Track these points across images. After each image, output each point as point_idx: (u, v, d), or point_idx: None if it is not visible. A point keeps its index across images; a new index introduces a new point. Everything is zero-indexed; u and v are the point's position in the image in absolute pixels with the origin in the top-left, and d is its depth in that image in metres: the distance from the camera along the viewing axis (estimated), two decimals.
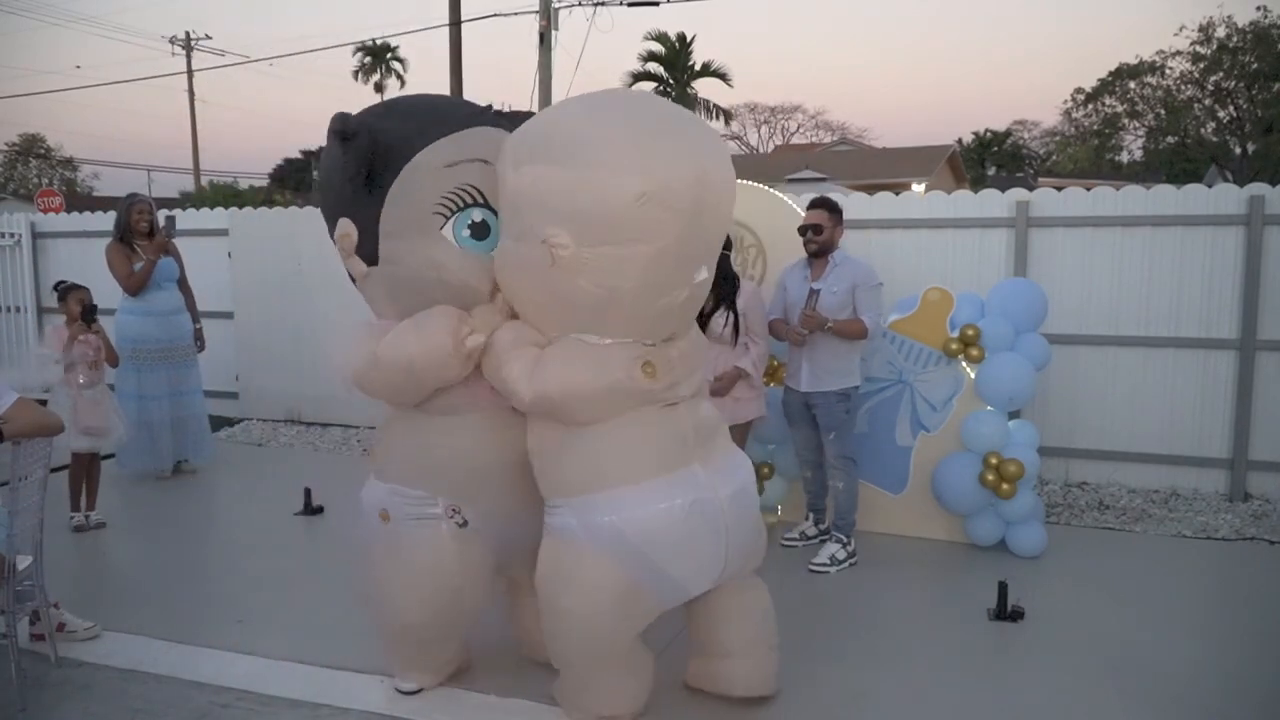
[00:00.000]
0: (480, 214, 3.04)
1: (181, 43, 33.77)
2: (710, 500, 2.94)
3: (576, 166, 2.67)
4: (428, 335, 2.96)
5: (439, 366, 2.96)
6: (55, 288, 5.45)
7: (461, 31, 18.09)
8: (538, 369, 2.89)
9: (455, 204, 3.02)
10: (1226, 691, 3.44)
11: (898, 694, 3.40)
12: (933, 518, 5.04)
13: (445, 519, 3.17)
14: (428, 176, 3.01)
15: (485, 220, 3.05)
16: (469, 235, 3.04)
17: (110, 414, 5.31)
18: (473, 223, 3.03)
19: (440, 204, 3.01)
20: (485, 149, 3.06)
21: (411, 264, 3.05)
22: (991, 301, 5.07)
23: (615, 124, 2.72)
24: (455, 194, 3.01)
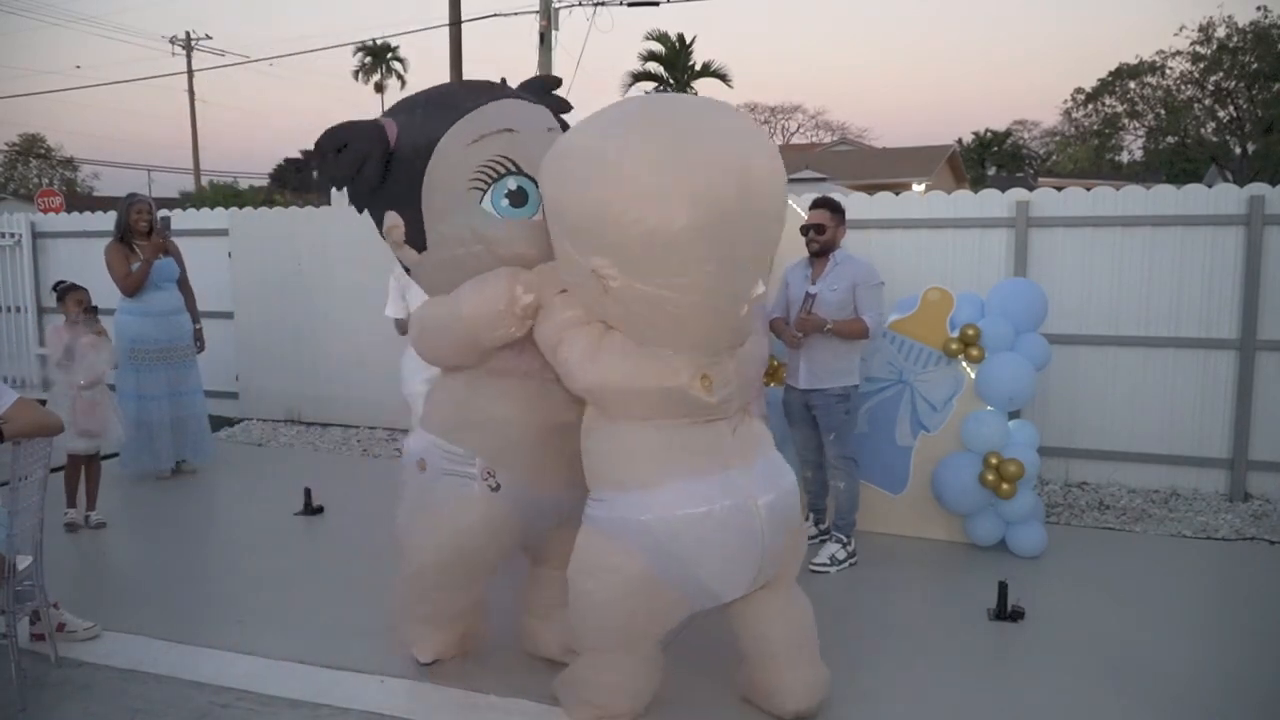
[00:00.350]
0: (515, 181, 3.09)
1: (181, 43, 33.81)
2: (745, 507, 2.91)
3: (614, 197, 2.61)
4: (483, 294, 3.04)
5: (493, 324, 3.03)
6: (54, 288, 5.45)
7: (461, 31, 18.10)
8: (598, 355, 2.88)
9: (489, 176, 3.07)
10: (1226, 691, 3.44)
11: (898, 694, 3.40)
12: (933, 518, 5.04)
13: (480, 479, 3.22)
14: (456, 156, 3.07)
15: (521, 187, 3.10)
16: (508, 204, 3.10)
17: (109, 415, 5.31)
18: (509, 191, 3.09)
19: (474, 179, 3.07)
20: (507, 119, 3.15)
21: (459, 242, 3.11)
22: (991, 301, 5.07)
23: (645, 144, 2.63)
24: (487, 167, 3.07)
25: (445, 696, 3.40)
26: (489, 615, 3.71)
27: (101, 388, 5.33)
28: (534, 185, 3.07)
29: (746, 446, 3.03)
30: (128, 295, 6.16)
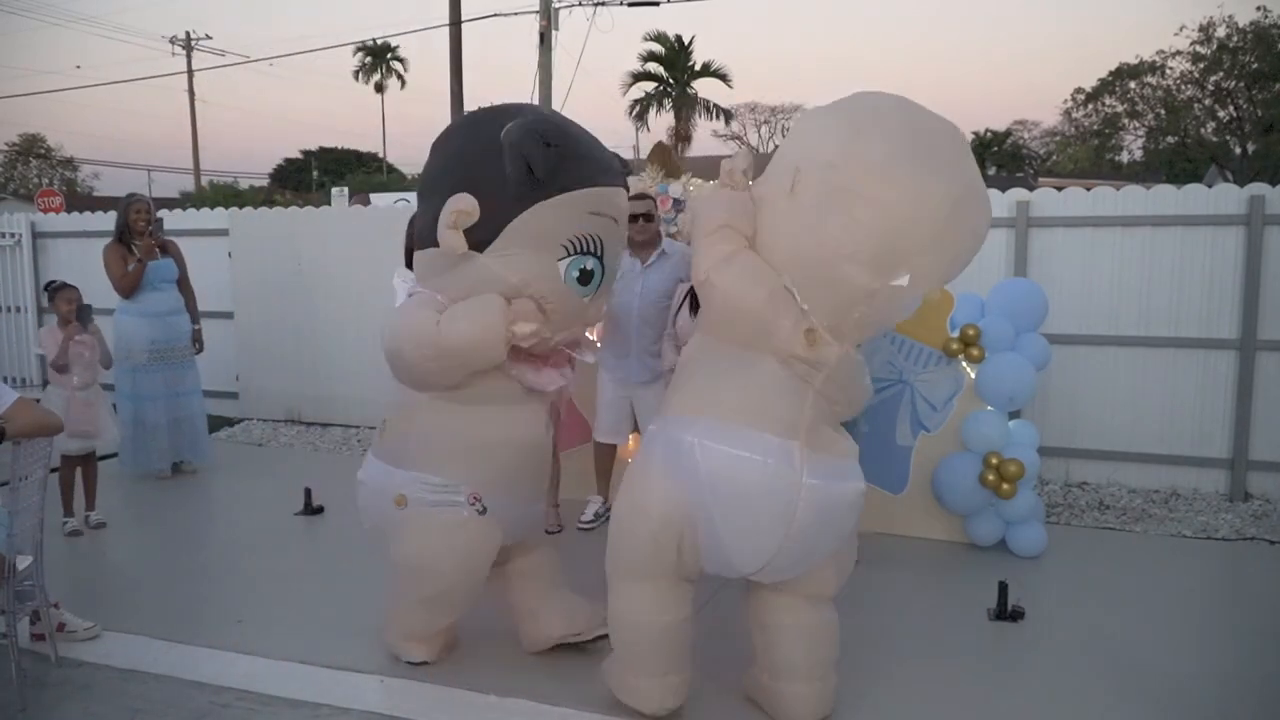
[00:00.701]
0: (593, 263, 3.30)
1: (181, 43, 33.83)
2: (791, 480, 2.86)
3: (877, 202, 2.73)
4: (482, 318, 3.17)
5: (489, 347, 3.18)
6: (46, 288, 5.45)
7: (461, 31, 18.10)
8: (731, 262, 2.92)
9: (579, 247, 3.26)
10: (1226, 691, 3.44)
11: (898, 694, 3.40)
12: (933, 518, 5.04)
13: (467, 505, 3.36)
14: (575, 213, 3.23)
15: (594, 270, 3.32)
16: (577, 278, 3.29)
17: (103, 416, 5.31)
18: (584, 269, 3.29)
19: (570, 240, 3.24)
20: (618, 209, 3.41)
21: (520, 273, 3.23)
22: (991, 301, 5.07)
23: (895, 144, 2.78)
24: (585, 238, 3.26)
25: (445, 696, 3.41)
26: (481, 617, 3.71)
27: (95, 388, 5.33)
28: (602, 272, 3.34)
29: (819, 437, 2.97)
30: (124, 296, 6.16)
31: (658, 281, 4.97)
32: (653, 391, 5.04)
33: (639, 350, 5.02)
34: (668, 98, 30.67)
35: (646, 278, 4.98)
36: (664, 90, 30.73)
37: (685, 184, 5.67)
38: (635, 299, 4.97)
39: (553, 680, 3.48)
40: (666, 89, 30.68)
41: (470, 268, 3.24)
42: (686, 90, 30.51)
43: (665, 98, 30.69)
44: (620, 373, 5.09)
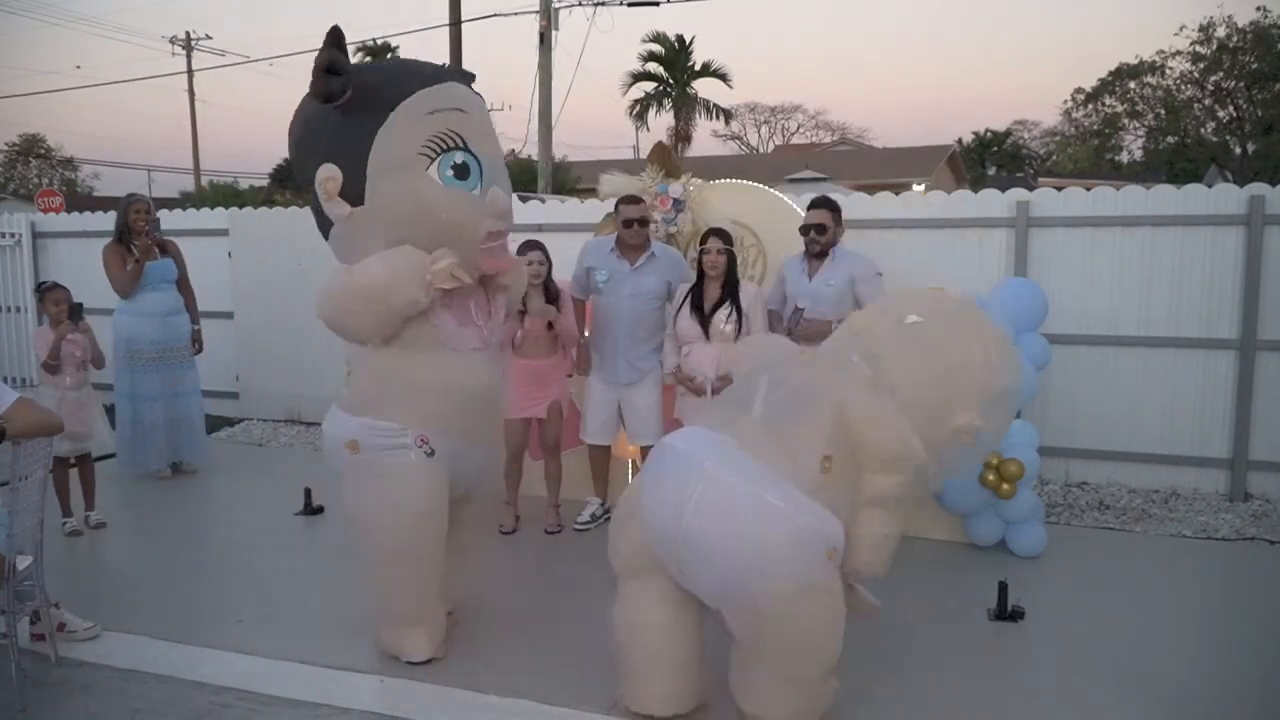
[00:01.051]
0: (462, 156, 3.37)
1: (181, 43, 33.75)
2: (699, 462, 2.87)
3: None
4: (394, 259, 3.31)
5: (402, 285, 3.29)
6: (36, 289, 5.44)
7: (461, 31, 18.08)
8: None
9: (439, 146, 3.33)
10: (1226, 691, 3.44)
11: (898, 694, 3.40)
12: (933, 518, 5.04)
13: (415, 448, 3.45)
14: (412, 122, 3.31)
15: (466, 162, 3.38)
16: (452, 175, 3.36)
17: (94, 416, 5.30)
18: (455, 164, 3.35)
19: (426, 146, 3.32)
20: (460, 100, 3.45)
21: (398, 199, 3.33)
22: (991, 301, 5.06)
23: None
24: (439, 138, 3.33)
25: (445, 696, 3.41)
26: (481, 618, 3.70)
27: (87, 389, 5.33)
28: (477, 162, 3.39)
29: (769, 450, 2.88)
30: (123, 296, 6.16)
31: (647, 283, 5.01)
32: (639, 392, 5.05)
33: (626, 351, 5.04)
34: (668, 98, 30.63)
35: (636, 280, 5.00)
36: (664, 90, 30.67)
37: (685, 184, 5.67)
38: (624, 300, 4.99)
39: (553, 680, 3.48)
40: (666, 89, 30.62)
41: (364, 222, 3.37)
42: (686, 90, 30.45)
43: (665, 98, 30.65)
44: (608, 373, 5.12)
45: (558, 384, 5.18)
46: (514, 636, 3.90)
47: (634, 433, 5.17)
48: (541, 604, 4.27)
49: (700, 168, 6.58)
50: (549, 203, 8.90)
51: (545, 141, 17.49)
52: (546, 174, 17.62)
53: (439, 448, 3.50)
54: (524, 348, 5.06)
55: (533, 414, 5.15)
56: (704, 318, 4.72)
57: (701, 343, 4.75)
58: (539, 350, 5.08)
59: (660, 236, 5.61)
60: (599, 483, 5.42)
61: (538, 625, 4.02)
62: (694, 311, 4.76)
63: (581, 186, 19.90)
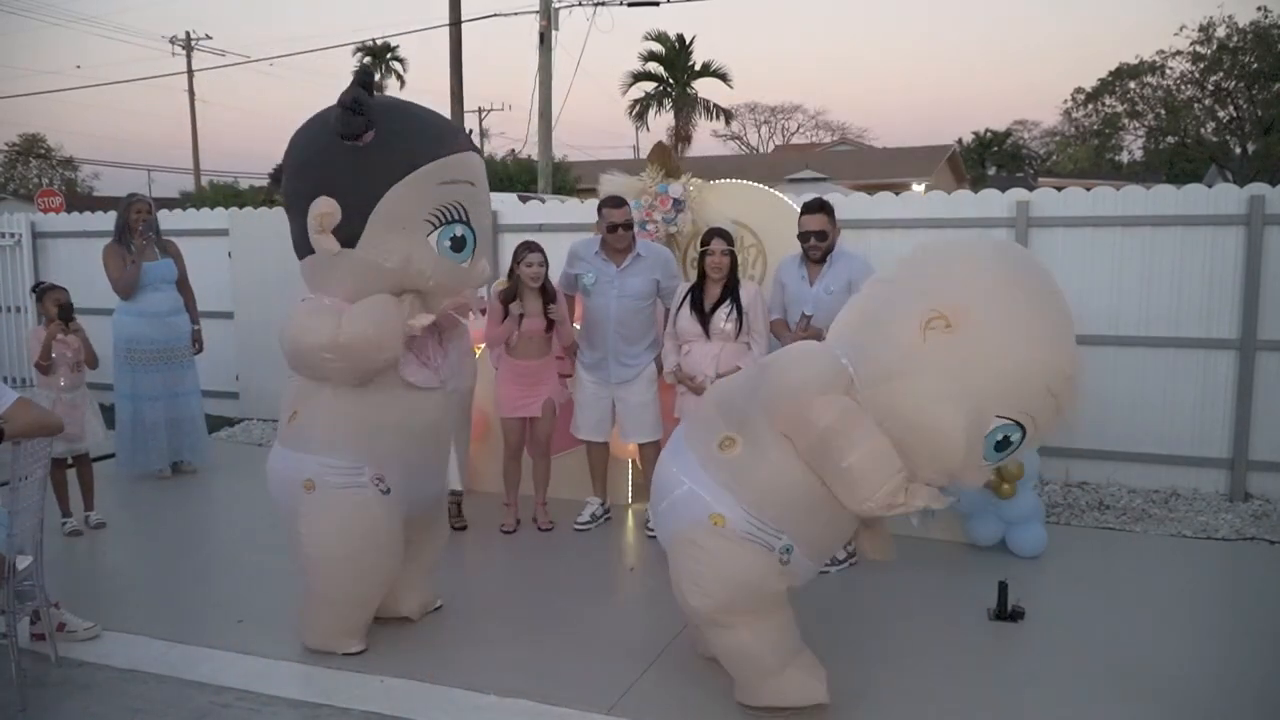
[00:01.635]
0: (462, 230, 3.46)
1: (181, 43, 33.76)
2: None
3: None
4: (380, 317, 3.38)
5: (389, 345, 3.40)
6: (33, 289, 5.44)
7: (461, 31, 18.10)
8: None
9: (444, 217, 3.42)
10: (1226, 691, 3.44)
11: (898, 694, 3.40)
12: (932, 518, 5.02)
13: (371, 485, 3.55)
14: (427, 188, 3.38)
15: (465, 236, 3.48)
16: (450, 246, 3.45)
17: (88, 418, 5.30)
18: (454, 236, 3.45)
19: (432, 214, 3.40)
20: (472, 172, 3.54)
21: (395, 257, 3.39)
22: None
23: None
24: (447, 208, 3.42)
25: (445, 696, 3.41)
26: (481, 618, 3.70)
27: (82, 390, 5.33)
28: (473, 236, 3.50)
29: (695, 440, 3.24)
30: (123, 297, 6.16)
31: (633, 285, 5.03)
32: (633, 390, 5.06)
33: (616, 351, 5.06)
34: (668, 98, 30.64)
35: (622, 281, 5.02)
36: (664, 90, 30.68)
37: (685, 184, 5.67)
38: (612, 302, 5.01)
39: (553, 680, 3.48)
40: (666, 89, 30.62)
41: (349, 264, 3.41)
42: (686, 90, 30.46)
43: (665, 98, 30.67)
44: (600, 373, 5.14)
45: (551, 383, 5.18)
46: (514, 636, 3.90)
47: (627, 430, 5.17)
48: (541, 604, 4.27)
49: (700, 168, 6.58)
50: (549, 203, 8.90)
51: (545, 141, 17.49)
52: (546, 174, 17.63)
53: (393, 483, 3.60)
54: (519, 348, 5.06)
55: (527, 413, 5.15)
56: (704, 317, 4.72)
57: (702, 342, 4.75)
58: (533, 350, 5.08)
59: (660, 237, 5.61)
60: (598, 482, 5.42)
61: (538, 625, 4.02)
62: (694, 310, 4.76)
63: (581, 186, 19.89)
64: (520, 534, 5.24)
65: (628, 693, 3.40)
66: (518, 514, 5.32)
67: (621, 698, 3.36)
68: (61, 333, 5.19)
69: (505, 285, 5.10)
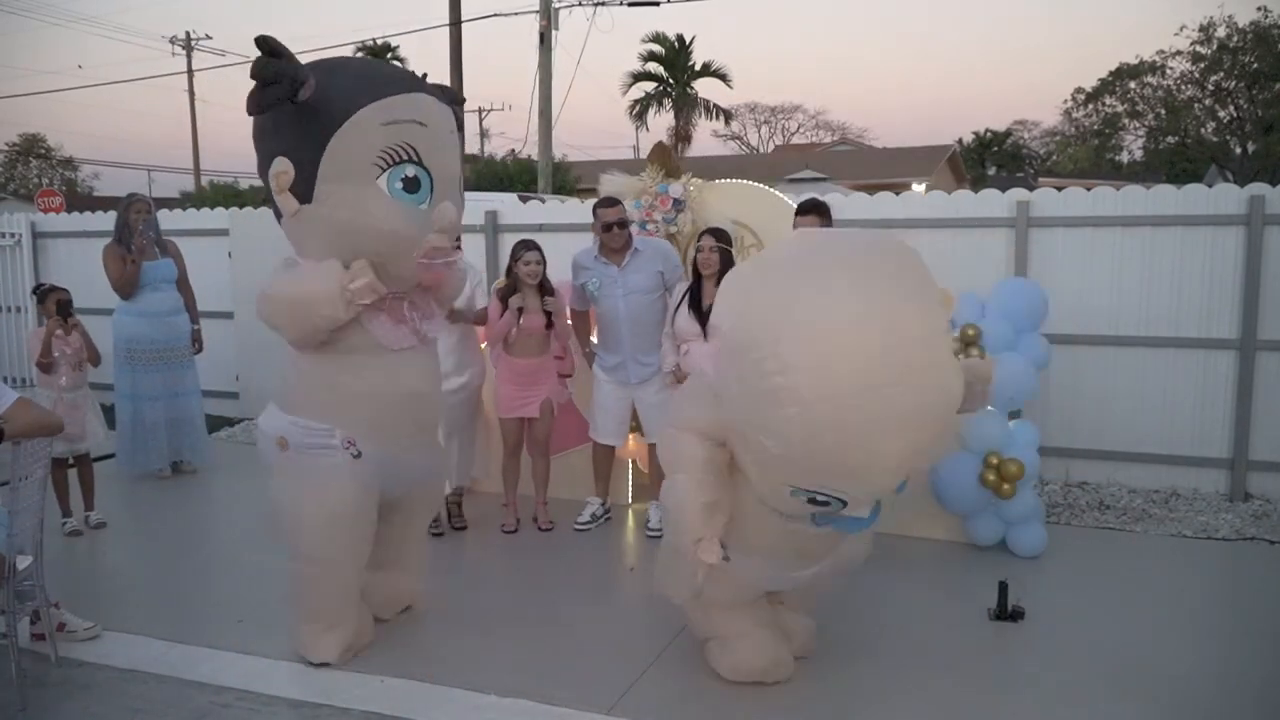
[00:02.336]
0: (413, 170, 3.34)
1: (182, 43, 33.75)
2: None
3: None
4: (318, 276, 3.36)
5: (323, 303, 3.34)
6: (34, 290, 5.44)
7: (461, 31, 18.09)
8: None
9: (391, 159, 3.31)
10: (1226, 691, 3.44)
11: (898, 694, 3.40)
12: (933, 518, 5.03)
13: (342, 449, 3.52)
14: (369, 131, 3.28)
15: (417, 176, 3.36)
16: (401, 188, 3.34)
17: (89, 418, 5.30)
18: (405, 177, 3.34)
19: (379, 157, 3.30)
20: (421, 113, 3.38)
21: (343, 205, 3.33)
22: (992, 301, 5.07)
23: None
24: (392, 149, 3.30)
25: (445, 696, 3.41)
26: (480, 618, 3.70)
27: (84, 390, 5.33)
28: (428, 176, 3.37)
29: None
30: (123, 297, 6.17)
31: (637, 281, 5.02)
32: (651, 389, 5.06)
33: (633, 350, 5.05)
34: (668, 98, 30.62)
35: (626, 279, 5.01)
36: (664, 90, 30.65)
37: (685, 184, 5.67)
38: (620, 302, 5.00)
39: (553, 680, 3.48)
40: (666, 89, 30.60)
41: (309, 221, 3.41)
42: (686, 90, 30.44)
43: (665, 98, 30.65)
44: (619, 374, 5.12)
45: (549, 383, 5.17)
46: (514, 636, 3.90)
47: (650, 430, 5.17)
48: (541, 604, 4.27)
49: (700, 168, 6.58)
50: (549, 203, 8.90)
51: (545, 141, 17.49)
52: (546, 174, 17.63)
53: (367, 450, 3.53)
54: (516, 346, 5.06)
55: (525, 413, 5.15)
56: (702, 316, 4.72)
57: (700, 341, 4.75)
58: (531, 349, 5.08)
59: (660, 237, 5.61)
60: (600, 482, 5.41)
61: (538, 625, 4.02)
62: (692, 310, 4.76)
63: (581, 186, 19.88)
64: (520, 534, 5.24)
65: (628, 693, 3.40)
66: (518, 514, 5.31)
67: (621, 698, 3.36)
68: (60, 330, 5.19)
69: (504, 284, 5.11)
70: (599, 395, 5.23)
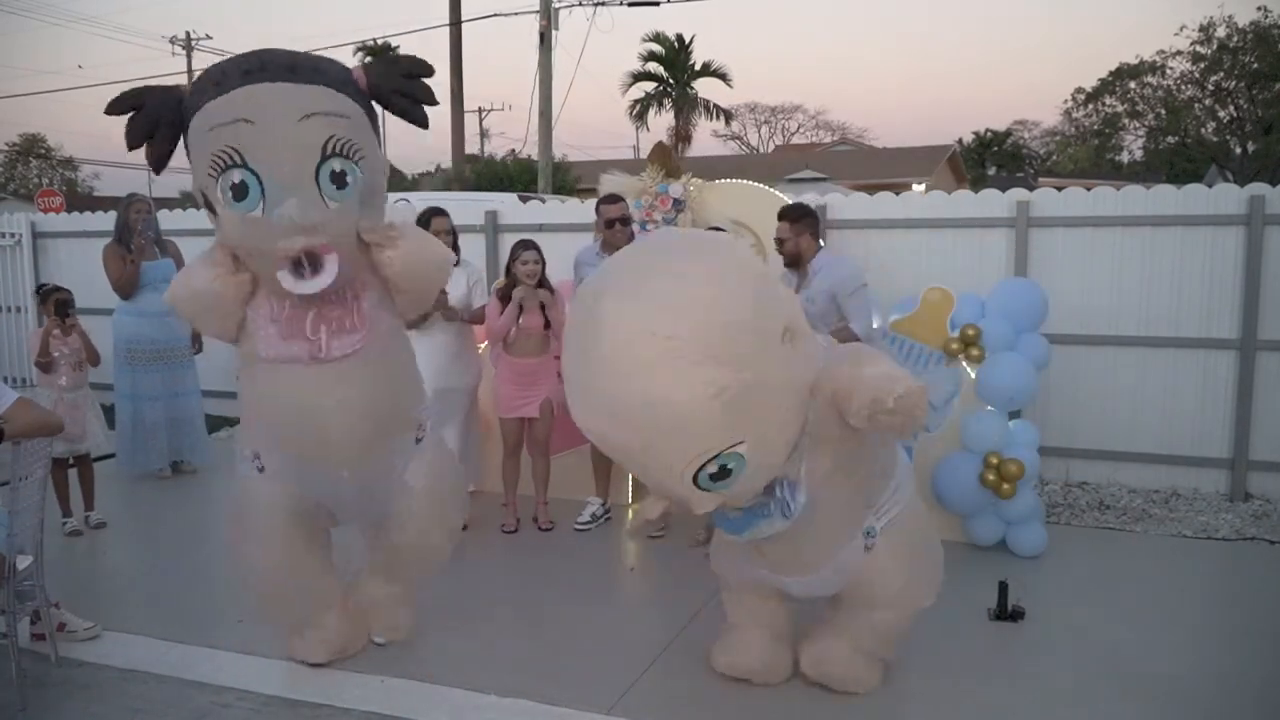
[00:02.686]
0: (239, 174, 2.98)
1: (182, 43, 33.76)
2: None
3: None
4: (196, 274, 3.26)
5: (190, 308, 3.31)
6: (37, 291, 5.44)
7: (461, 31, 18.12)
8: None
9: (219, 165, 2.99)
10: (1227, 691, 3.44)
11: (898, 694, 3.40)
12: (933, 518, 5.03)
13: (250, 463, 3.48)
14: (198, 141, 3.03)
15: (244, 181, 2.99)
16: (232, 197, 3.01)
17: (89, 418, 5.30)
18: (233, 184, 2.99)
19: (210, 168, 3.00)
20: (248, 108, 2.97)
21: (217, 225, 3.18)
22: (992, 301, 5.07)
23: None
24: (217, 157, 2.98)
25: (445, 696, 3.41)
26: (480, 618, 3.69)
27: (84, 390, 5.33)
28: (255, 178, 2.99)
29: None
30: (122, 297, 6.18)
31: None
32: None
33: None
34: (668, 98, 30.62)
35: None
36: (664, 90, 30.65)
37: (685, 184, 5.67)
38: None
39: (553, 680, 3.48)
40: (666, 89, 30.60)
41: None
42: (686, 90, 30.43)
43: (665, 98, 30.64)
44: None
45: (549, 382, 5.16)
46: (514, 636, 3.90)
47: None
48: (541, 604, 4.27)
49: (700, 168, 6.58)
50: (549, 203, 8.90)
51: (545, 141, 17.50)
52: (546, 174, 17.64)
53: (272, 465, 3.42)
54: (516, 345, 5.06)
55: (525, 413, 5.15)
56: None
57: None
58: (530, 349, 5.07)
59: None
60: (600, 482, 5.41)
61: (538, 625, 4.02)
62: None
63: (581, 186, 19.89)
64: (520, 534, 5.24)
65: (628, 693, 3.40)
66: (518, 514, 5.31)
67: (621, 698, 3.36)
68: (59, 329, 5.19)
69: (503, 284, 5.11)
70: None
